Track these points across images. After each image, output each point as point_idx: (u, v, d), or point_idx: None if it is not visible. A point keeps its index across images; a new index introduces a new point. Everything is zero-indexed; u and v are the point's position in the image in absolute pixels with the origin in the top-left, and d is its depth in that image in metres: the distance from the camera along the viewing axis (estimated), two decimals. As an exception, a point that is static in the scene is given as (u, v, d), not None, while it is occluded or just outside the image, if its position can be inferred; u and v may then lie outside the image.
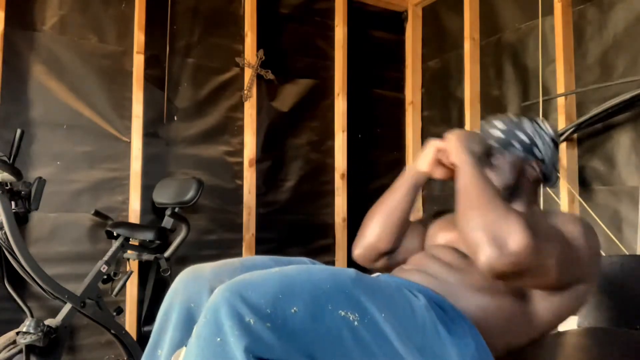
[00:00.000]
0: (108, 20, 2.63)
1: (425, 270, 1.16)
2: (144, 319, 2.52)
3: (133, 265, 2.51)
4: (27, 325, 1.84)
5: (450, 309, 1.04)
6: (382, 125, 3.40)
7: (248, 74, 2.94)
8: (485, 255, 0.95)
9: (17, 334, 1.86)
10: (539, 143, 1.28)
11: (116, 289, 2.25)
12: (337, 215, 3.17)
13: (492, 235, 0.95)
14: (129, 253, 2.35)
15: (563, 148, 2.52)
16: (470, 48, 3.01)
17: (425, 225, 1.41)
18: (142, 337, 2.49)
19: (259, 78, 2.98)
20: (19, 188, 1.96)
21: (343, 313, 0.85)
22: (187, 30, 2.83)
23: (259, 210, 2.92)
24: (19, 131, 1.98)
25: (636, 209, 2.22)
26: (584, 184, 2.49)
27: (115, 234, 2.26)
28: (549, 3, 2.60)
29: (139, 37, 2.65)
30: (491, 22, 3.00)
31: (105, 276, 2.16)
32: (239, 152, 2.91)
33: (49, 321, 1.94)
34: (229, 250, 2.84)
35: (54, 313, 2.06)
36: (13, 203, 1.95)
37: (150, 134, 2.68)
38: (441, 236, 1.31)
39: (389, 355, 0.87)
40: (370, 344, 0.86)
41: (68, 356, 2.41)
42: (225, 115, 2.90)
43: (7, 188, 1.91)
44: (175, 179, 2.64)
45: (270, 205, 2.97)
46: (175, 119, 2.77)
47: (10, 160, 1.92)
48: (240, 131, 2.92)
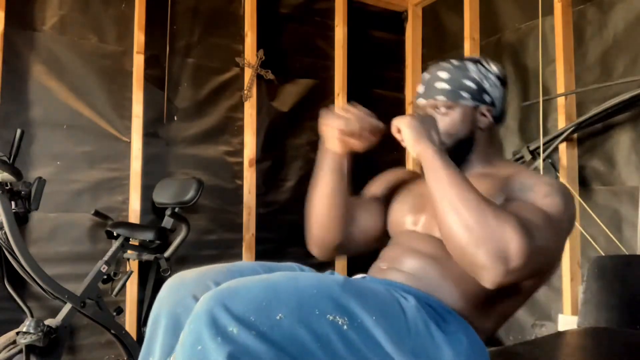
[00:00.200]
0: (108, 20, 2.63)
1: (403, 268, 1.12)
2: (144, 319, 2.52)
3: (133, 265, 2.51)
4: (27, 325, 1.84)
5: (439, 307, 1.03)
6: (382, 125, 3.39)
7: (248, 74, 2.93)
8: (491, 275, 0.92)
9: (17, 334, 1.86)
10: (487, 86, 1.20)
11: (116, 289, 2.25)
12: (337, 215, 3.16)
13: (493, 252, 0.90)
14: (129, 253, 2.35)
15: (563, 148, 2.52)
16: (470, 48, 3.01)
17: (379, 198, 1.34)
18: (142, 337, 2.48)
19: (259, 78, 2.97)
20: (19, 188, 1.96)
21: (331, 317, 0.84)
22: (187, 30, 2.83)
23: (259, 210, 2.92)
24: (19, 131, 1.98)
25: (636, 209, 2.22)
26: (584, 183, 2.49)
27: (115, 234, 2.26)
28: (549, 3, 2.60)
29: (139, 37, 2.65)
30: (491, 22, 3.00)
31: (105, 276, 2.16)
32: (239, 152, 2.91)
33: (49, 321, 1.94)
34: (229, 250, 2.84)
35: (54, 313, 2.06)
36: (13, 203, 1.96)
37: (150, 134, 2.68)
38: (410, 219, 1.23)
39: (381, 358, 0.87)
40: (361, 348, 0.85)
41: (68, 356, 2.41)
42: (225, 115, 2.90)
43: (7, 188, 1.91)
44: (175, 179, 2.64)
45: (270, 205, 2.97)
46: (175, 119, 2.77)
47: (10, 160, 1.92)
48: (240, 131, 2.92)
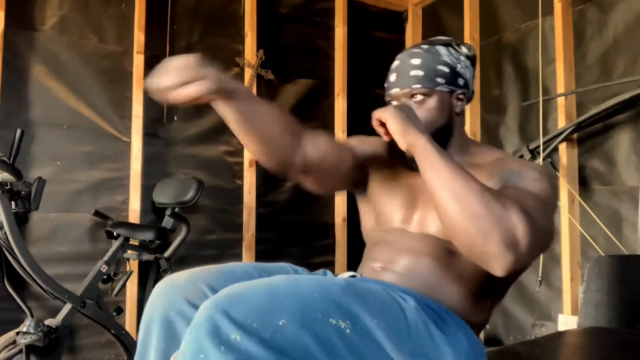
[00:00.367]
0: (108, 20, 2.63)
1: (397, 269, 1.11)
2: (143, 319, 2.52)
3: (133, 265, 2.51)
4: (27, 325, 1.84)
5: (438, 307, 1.03)
6: (382, 125, 3.39)
7: (248, 74, 2.93)
8: (503, 263, 0.92)
9: (17, 334, 1.86)
10: (460, 69, 1.17)
11: (116, 289, 2.25)
12: (337, 215, 3.17)
13: (503, 240, 0.90)
14: (129, 253, 2.35)
15: (563, 148, 2.52)
16: (470, 48, 3.01)
17: (354, 148, 1.26)
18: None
19: (259, 78, 2.97)
20: (19, 188, 1.96)
21: (334, 321, 0.83)
22: (187, 30, 2.83)
23: (259, 210, 2.92)
24: (19, 131, 1.98)
25: (636, 209, 2.22)
26: (583, 183, 2.49)
27: (115, 234, 2.26)
28: (549, 3, 2.60)
29: (139, 37, 2.65)
30: (491, 22, 3.00)
31: (105, 276, 2.16)
32: (239, 152, 2.91)
33: (49, 321, 1.94)
34: (229, 250, 2.84)
35: (54, 313, 2.06)
36: (13, 203, 1.96)
37: (150, 134, 2.68)
38: (401, 215, 1.18)
39: None
40: (363, 351, 0.85)
41: (68, 356, 2.41)
42: (225, 115, 2.89)
43: (7, 188, 1.91)
44: (175, 179, 2.64)
45: (270, 205, 2.97)
46: (175, 119, 2.77)
47: (10, 160, 1.92)
48: (240, 131, 2.92)
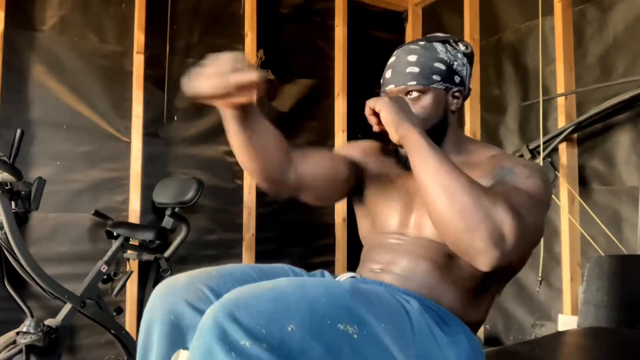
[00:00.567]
0: (108, 20, 2.63)
1: (397, 270, 1.11)
2: (143, 319, 2.52)
3: (133, 265, 2.51)
4: (27, 325, 1.84)
5: (438, 309, 1.04)
6: (382, 125, 3.39)
7: (248, 74, 2.93)
8: (488, 259, 0.91)
9: (17, 334, 1.86)
10: (456, 66, 1.17)
11: (116, 289, 2.25)
12: (337, 215, 3.17)
13: (489, 235, 0.89)
14: (129, 253, 2.35)
15: (563, 148, 2.52)
16: (470, 48, 3.01)
17: (347, 157, 1.29)
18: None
19: (259, 78, 2.97)
20: (19, 188, 1.96)
21: (342, 327, 0.83)
22: (187, 30, 2.83)
23: (259, 210, 2.92)
24: (19, 131, 1.98)
25: (636, 209, 2.22)
26: (583, 183, 2.49)
27: (115, 234, 2.26)
28: (549, 3, 2.60)
29: (139, 37, 2.65)
30: (491, 22, 3.00)
31: (105, 276, 2.16)
32: (239, 152, 2.90)
33: (49, 321, 1.94)
34: (229, 250, 2.84)
35: (54, 313, 2.06)
36: (13, 203, 1.96)
37: (150, 134, 2.68)
38: (398, 219, 1.18)
39: None
40: (370, 356, 0.85)
41: (68, 356, 2.41)
42: (225, 115, 2.89)
43: (7, 188, 1.91)
44: (175, 179, 2.64)
45: (270, 205, 2.97)
46: (175, 119, 2.76)
47: (10, 160, 1.92)
48: (240, 131, 2.91)
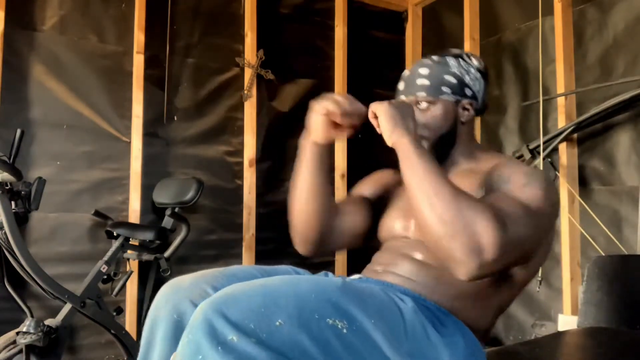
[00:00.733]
0: (108, 20, 2.63)
1: (398, 271, 1.12)
2: (144, 319, 2.52)
3: (133, 265, 2.51)
4: (27, 325, 1.84)
5: (436, 308, 1.04)
6: (382, 125, 3.39)
7: (248, 74, 2.93)
8: (465, 269, 0.91)
9: (17, 334, 1.86)
10: (468, 80, 1.20)
11: (116, 289, 2.25)
12: (337, 215, 3.16)
13: (466, 246, 0.89)
14: (129, 253, 2.35)
15: (563, 148, 2.52)
16: (470, 48, 3.01)
17: (367, 197, 1.34)
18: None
19: (259, 78, 2.97)
20: (19, 188, 1.96)
21: (331, 321, 0.84)
22: (187, 30, 2.83)
23: (259, 210, 2.92)
24: (19, 131, 1.98)
25: (636, 209, 2.22)
26: (583, 183, 2.49)
27: (115, 234, 2.26)
28: (549, 3, 2.60)
29: (139, 37, 2.65)
30: (491, 22, 3.00)
31: (105, 276, 2.16)
32: (239, 152, 2.91)
33: (49, 321, 1.93)
34: (229, 250, 2.84)
35: (54, 313, 2.06)
36: (13, 203, 1.95)
37: (150, 134, 2.68)
38: (400, 224, 1.21)
39: None
40: (361, 351, 0.85)
41: (68, 356, 2.41)
42: (225, 115, 2.89)
43: (7, 188, 1.90)
44: (175, 179, 2.64)
45: (270, 205, 2.97)
46: (175, 119, 2.76)
47: (10, 160, 1.92)
48: (240, 131, 2.92)
